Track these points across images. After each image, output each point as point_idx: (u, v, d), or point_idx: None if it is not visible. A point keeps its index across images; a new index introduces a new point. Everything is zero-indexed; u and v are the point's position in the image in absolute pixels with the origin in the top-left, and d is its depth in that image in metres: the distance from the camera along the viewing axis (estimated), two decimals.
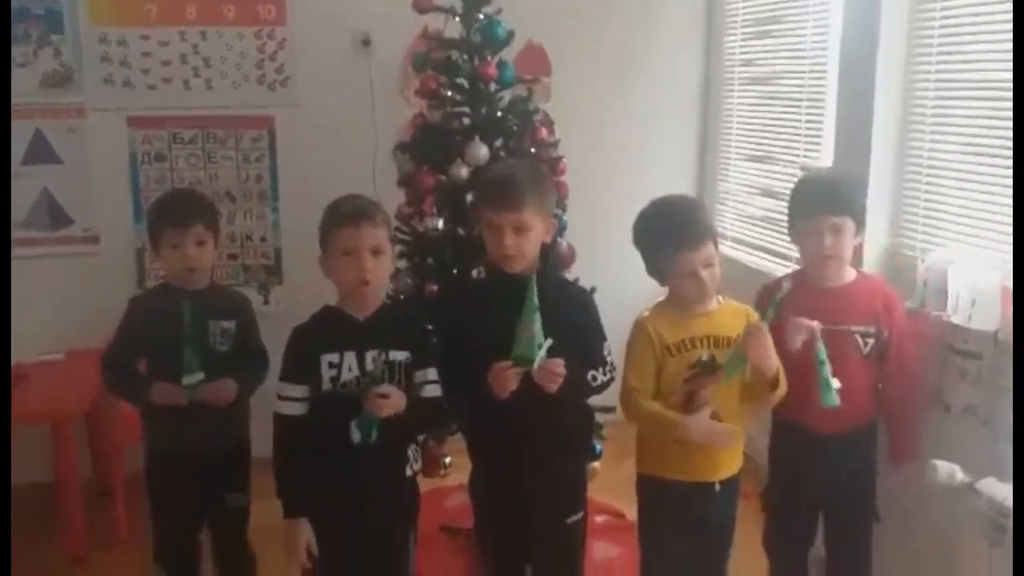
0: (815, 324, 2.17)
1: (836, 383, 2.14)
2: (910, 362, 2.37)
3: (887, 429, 2.38)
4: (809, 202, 2.31)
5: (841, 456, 2.32)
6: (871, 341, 2.30)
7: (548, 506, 2.13)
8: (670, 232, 2.06)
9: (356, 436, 1.91)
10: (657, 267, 2.11)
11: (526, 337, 1.90)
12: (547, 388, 1.92)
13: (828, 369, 2.13)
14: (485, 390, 1.92)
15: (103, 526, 2.98)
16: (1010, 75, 2.30)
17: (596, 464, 2.75)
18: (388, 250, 2.04)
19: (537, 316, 1.90)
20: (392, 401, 1.91)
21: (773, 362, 2.03)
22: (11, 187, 3.22)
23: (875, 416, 2.38)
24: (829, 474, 2.33)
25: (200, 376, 2.20)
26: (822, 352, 2.14)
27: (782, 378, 2.10)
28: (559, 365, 1.91)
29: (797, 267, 2.61)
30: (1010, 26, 2.28)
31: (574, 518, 2.17)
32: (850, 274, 2.36)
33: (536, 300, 1.90)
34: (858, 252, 2.46)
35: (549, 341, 1.90)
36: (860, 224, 2.31)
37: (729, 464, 2.16)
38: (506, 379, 1.90)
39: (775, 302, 2.04)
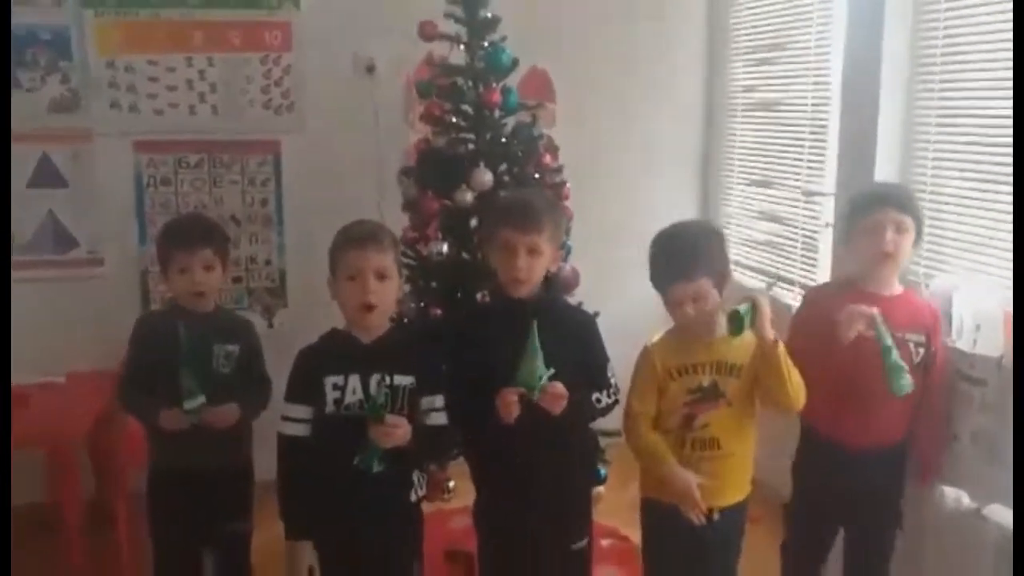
0: (875, 311, 2.13)
1: (906, 366, 2.11)
2: (947, 377, 2.35)
3: (918, 444, 2.35)
4: (874, 197, 2.31)
5: (870, 473, 2.30)
6: (922, 351, 2.28)
7: (553, 532, 2.13)
8: (667, 260, 2.08)
9: (358, 461, 1.91)
10: (655, 287, 2.13)
11: (528, 367, 1.91)
12: (552, 411, 1.93)
13: (897, 353, 2.11)
14: (491, 415, 1.93)
15: (104, 550, 2.97)
16: (1010, 103, 2.33)
17: (601, 488, 2.73)
18: (394, 275, 2.04)
19: (539, 350, 1.92)
20: (398, 433, 1.90)
21: (769, 330, 2.00)
22: (11, 209, 3.22)
23: (906, 434, 2.34)
24: (856, 490, 2.31)
25: (201, 400, 2.21)
26: (887, 337, 2.11)
27: (800, 383, 2.07)
28: (559, 387, 1.92)
29: (802, 291, 2.61)
30: (1007, 50, 2.31)
31: (579, 544, 2.17)
32: (898, 287, 2.35)
33: (537, 340, 1.91)
34: None
35: (551, 371, 1.92)
36: (920, 234, 2.29)
37: (732, 492, 2.16)
38: (509, 405, 1.92)
39: (745, 309, 1.98)
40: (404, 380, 1.99)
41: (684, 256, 2.06)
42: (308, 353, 2.05)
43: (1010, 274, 2.32)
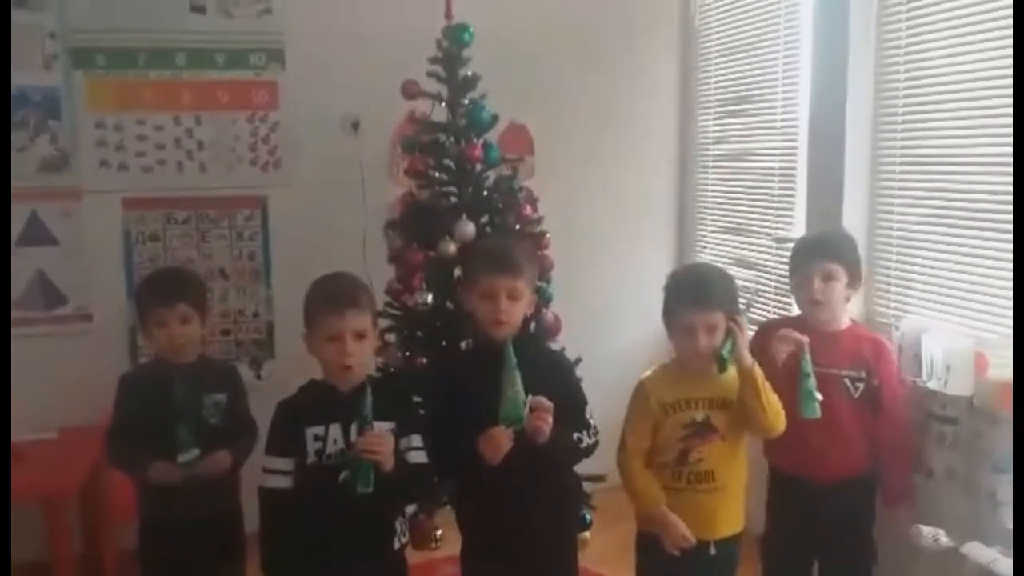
0: (803, 338, 2.27)
1: (819, 396, 2.23)
2: (901, 405, 2.45)
3: (885, 471, 2.43)
4: (803, 249, 2.50)
5: (837, 505, 2.38)
6: (860, 385, 2.39)
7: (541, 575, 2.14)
8: (687, 286, 2.18)
9: (345, 477, 1.91)
10: (668, 316, 2.21)
11: (510, 396, 1.94)
12: (538, 436, 1.95)
13: (812, 382, 2.24)
14: (476, 458, 1.95)
15: None
16: (972, 148, 2.43)
17: (586, 534, 2.76)
18: (371, 332, 2.08)
19: (517, 374, 1.95)
20: (385, 445, 1.90)
21: (747, 356, 2.12)
22: (11, 269, 3.26)
23: (871, 463, 2.42)
24: (825, 523, 2.39)
25: (195, 452, 2.23)
26: (808, 364, 2.24)
27: (779, 405, 2.15)
28: (543, 402, 1.95)
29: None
30: (969, 98, 2.44)
31: None
32: (844, 322, 2.47)
33: (514, 359, 1.95)
34: None
35: (530, 399, 1.95)
36: (853, 276, 2.44)
37: (727, 524, 2.21)
38: (499, 442, 1.94)
39: (727, 349, 2.11)
40: (384, 426, 1.99)
41: (704, 286, 2.17)
42: (288, 405, 2.06)
43: (977, 314, 2.41)
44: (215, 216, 3.52)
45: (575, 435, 2.09)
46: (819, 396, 2.25)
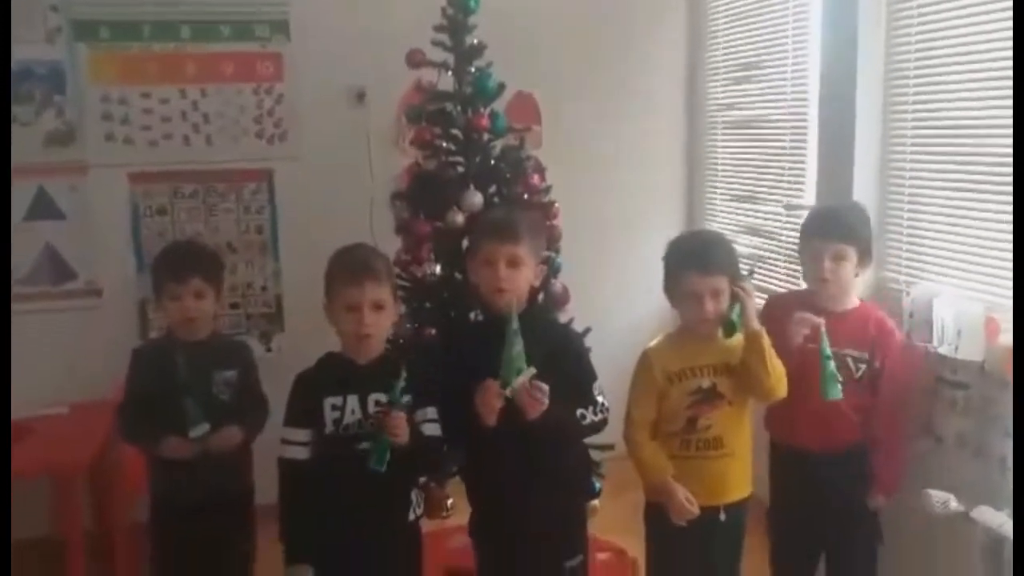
0: (820, 320, 2.26)
1: (840, 377, 2.23)
2: (901, 392, 2.44)
3: (873, 458, 2.43)
4: (816, 225, 2.44)
5: (835, 473, 2.38)
6: (863, 367, 2.38)
7: (546, 547, 2.14)
8: (691, 252, 2.18)
9: (364, 446, 1.94)
10: (670, 286, 2.21)
11: (505, 359, 1.94)
12: (527, 413, 1.94)
13: (833, 364, 2.22)
14: (476, 425, 1.96)
15: None
16: (984, 112, 2.40)
17: (595, 503, 2.77)
18: (390, 304, 2.08)
19: (518, 340, 1.93)
20: (403, 425, 1.93)
21: (755, 321, 2.14)
22: (11, 242, 3.26)
23: (863, 437, 2.42)
24: (825, 491, 2.39)
25: (206, 427, 2.25)
26: (827, 347, 2.23)
27: (782, 370, 2.16)
28: (539, 388, 1.93)
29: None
30: (980, 63, 2.40)
31: (573, 562, 2.17)
32: (852, 301, 2.45)
33: (516, 324, 1.94)
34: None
35: (532, 370, 1.93)
36: (864, 254, 2.41)
37: (737, 489, 2.23)
38: (489, 397, 1.93)
39: (735, 313, 2.12)
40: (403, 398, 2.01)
41: (707, 251, 2.17)
42: (306, 377, 2.09)
43: (989, 279, 2.39)
44: (222, 190, 3.52)
45: (579, 411, 2.06)
46: (840, 378, 2.23)
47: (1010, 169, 2.28)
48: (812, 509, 2.43)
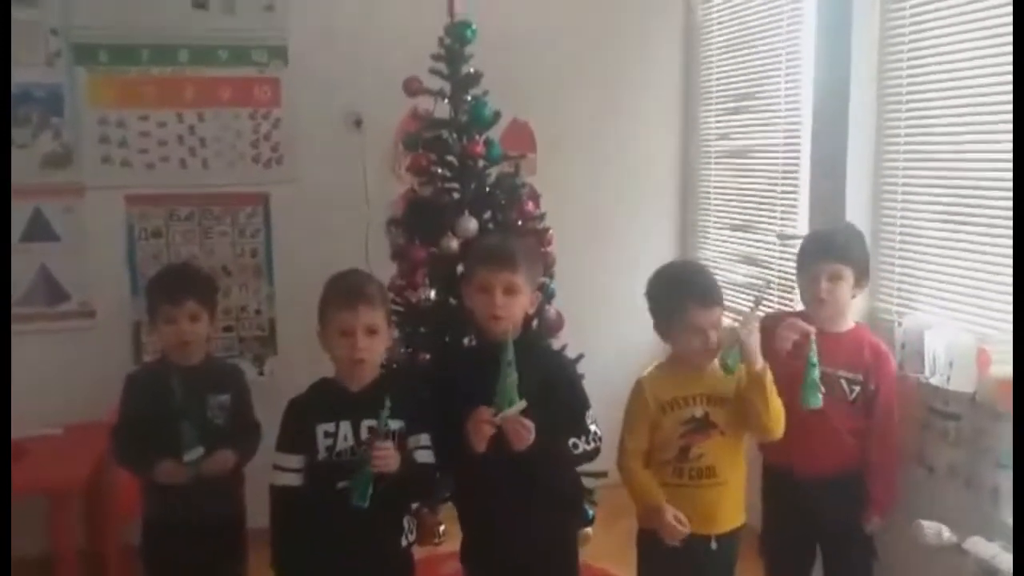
0: (811, 328, 2.27)
1: (822, 388, 2.23)
2: (895, 414, 2.45)
3: (868, 480, 2.43)
4: (812, 248, 2.48)
5: (828, 498, 2.38)
6: (857, 389, 2.39)
7: (538, 574, 2.13)
8: (691, 287, 2.17)
9: (346, 484, 1.92)
10: (667, 320, 2.19)
11: (498, 389, 1.94)
12: (514, 445, 1.94)
13: (818, 372, 2.23)
14: (468, 452, 1.96)
15: None
16: (976, 143, 2.42)
17: (588, 530, 2.76)
18: (384, 328, 2.08)
19: (512, 372, 1.94)
20: (390, 456, 1.92)
21: (759, 358, 2.12)
22: (11, 264, 3.27)
23: (861, 464, 2.43)
24: (818, 515, 2.39)
25: (200, 451, 2.24)
26: (814, 355, 2.24)
27: (781, 411, 2.16)
28: (522, 424, 1.93)
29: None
30: (972, 94, 2.43)
31: None
32: (848, 323, 2.47)
33: (511, 354, 1.94)
34: None
35: (523, 404, 1.93)
36: (860, 275, 2.43)
37: (729, 519, 2.22)
38: (479, 424, 1.93)
39: (732, 357, 2.11)
40: (393, 425, 2.01)
41: (706, 284, 2.18)
42: (299, 402, 2.08)
43: (980, 310, 2.40)
44: (218, 213, 3.52)
45: (572, 440, 2.06)
46: (822, 388, 2.25)
47: (1002, 198, 2.30)
48: (806, 531, 2.43)
